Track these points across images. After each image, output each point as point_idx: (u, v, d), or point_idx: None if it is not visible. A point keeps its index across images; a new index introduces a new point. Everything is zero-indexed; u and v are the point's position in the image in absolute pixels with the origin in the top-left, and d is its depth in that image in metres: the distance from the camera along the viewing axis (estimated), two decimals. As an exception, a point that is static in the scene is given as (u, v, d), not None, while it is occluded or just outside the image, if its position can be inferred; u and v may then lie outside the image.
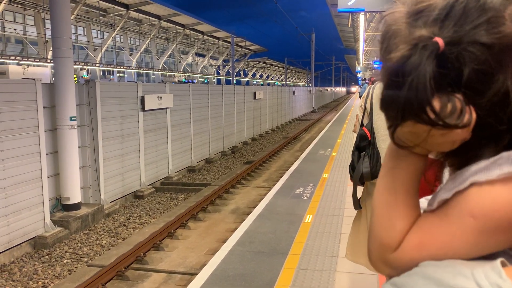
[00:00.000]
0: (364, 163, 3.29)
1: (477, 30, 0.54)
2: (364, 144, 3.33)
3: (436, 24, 0.56)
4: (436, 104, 0.53)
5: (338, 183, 8.95)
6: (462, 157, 0.59)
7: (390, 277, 0.58)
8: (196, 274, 5.14)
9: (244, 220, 7.43)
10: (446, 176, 0.68)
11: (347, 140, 16.42)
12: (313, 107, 50.32)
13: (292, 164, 13.02)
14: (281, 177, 11.05)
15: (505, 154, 0.55)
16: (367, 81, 23.15)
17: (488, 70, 0.54)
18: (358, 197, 3.50)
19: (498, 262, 0.48)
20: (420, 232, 0.58)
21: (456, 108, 0.54)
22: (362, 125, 3.47)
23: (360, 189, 3.37)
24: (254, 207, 9.05)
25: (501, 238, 0.53)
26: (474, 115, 0.55)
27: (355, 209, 3.57)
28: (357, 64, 50.95)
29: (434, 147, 0.59)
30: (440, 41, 0.54)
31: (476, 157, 0.57)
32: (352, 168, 3.46)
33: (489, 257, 0.51)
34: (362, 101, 3.40)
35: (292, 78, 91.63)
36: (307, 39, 50.69)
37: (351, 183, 3.28)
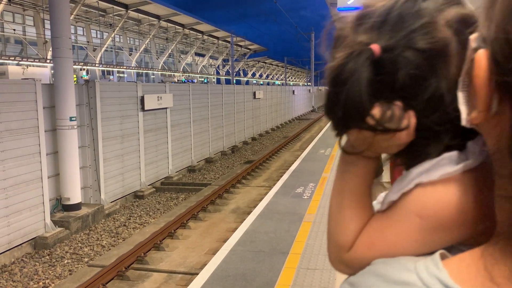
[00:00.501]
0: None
1: (412, 35, 0.56)
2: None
3: (374, 30, 0.57)
4: (376, 111, 0.55)
5: (339, 182, 8.93)
6: (410, 157, 0.61)
7: (349, 276, 0.60)
8: (197, 274, 5.13)
9: (244, 219, 7.43)
10: None
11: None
12: (313, 106, 50.34)
13: (292, 163, 13.02)
14: (281, 176, 11.05)
15: (447, 154, 0.56)
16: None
17: (421, 75, 0.56)
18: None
19: (437, 254, 0.50)
20: (371, 232, 0.61)
21: (394, 114, 0.56)
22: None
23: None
24: (255, 207, 9.05)
25: (446, 235, 0.55)
26: (413, 119, 0.56)
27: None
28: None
29: (381, 150, 0.61)
30: (376, 47, 0.56)
31: (422, 157, 0.59)
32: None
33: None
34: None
35: (292, 78, 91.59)
36: (306, 38, 50.72)
37: None
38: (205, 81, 43.74)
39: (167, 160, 14.77)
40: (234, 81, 39.81)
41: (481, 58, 0.42)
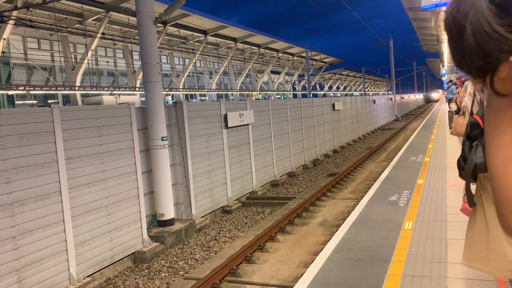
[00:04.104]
0: (478, 153, 2.98)
1: None
2: (476, 133, 3.04)
3: None
4: None
5: (436, 189, 8.37)
6: None
7: None
8: (291, 286, 5.03)
9: (334, 232, 7.23)
10: None
11: (440, 145, 15.43)
12: (396, 115, 48.43)
13: (380, 174, 12.52)
14: (369, 187, 10.65)
15: None
16: (454, 83, 21.75)
17: None
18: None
19: None
20: None
21: None
22: (471, 113, 3.21)
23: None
24: (343, 219, 8.77)
25: None
26: None
27: (470, 207, 3.25)
28: (441, 67, 48.19)
29: None
30: None
31: None
32: (463, 159, 3.15)
33: None
34: (471, 88, 3.17)
35: (370, 87, 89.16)
36: (385, 45, 49.27)
37: (451, 188, 3.04)
38: (282, 97, 44.11)
39: (251, 175, 14.96)
40: (311, 95, 39.66)
41: None
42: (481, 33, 0.54)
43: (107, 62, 24.89)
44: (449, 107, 15.21)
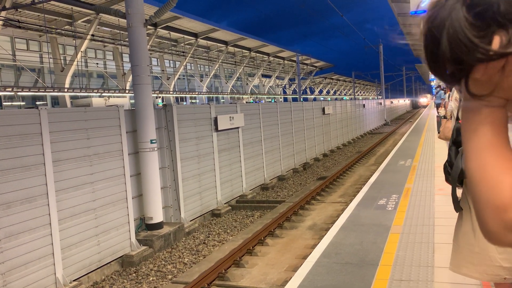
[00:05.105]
0: (464, 158, 3.00)
1: None
2: (462, 139, 3.06)
3: None
4: (496, 40, 0.54)
5: (424, 193, 8.43)
6: None
7: None
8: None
9: (323, 236, 7.24)
10: None
11: (428, 149, 15.56)
12: (385, 120, 48.80)
13: (369, 178, 12.58)
14: (358, 191, 10.68)
15: None
16: (443, 88, 21.93)
17: None
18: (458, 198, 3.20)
19: None
20: None
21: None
22: (457, 118, 3.24)
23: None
24: (332, 223, 8.79)
25: None
26: None
27: (456, 211, 3.27)
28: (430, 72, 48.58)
29: (510, 91, 0.58)
30: None
31: None
32: (449, 164, 3.18)
33: None
34: (457, 93, 3.20)
35: (360, 92, 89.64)
36: (375, 50, 49.66)
37: (439, 192, 3.05)
38: (273, 101, 44.18)
39: (241, 178, 14.94)
40: (301, 99, 39.80)
41: None
42: (457, 42, 0.55)
43: (97, 64, 24.74)
44: (438, 112, 15.39)
